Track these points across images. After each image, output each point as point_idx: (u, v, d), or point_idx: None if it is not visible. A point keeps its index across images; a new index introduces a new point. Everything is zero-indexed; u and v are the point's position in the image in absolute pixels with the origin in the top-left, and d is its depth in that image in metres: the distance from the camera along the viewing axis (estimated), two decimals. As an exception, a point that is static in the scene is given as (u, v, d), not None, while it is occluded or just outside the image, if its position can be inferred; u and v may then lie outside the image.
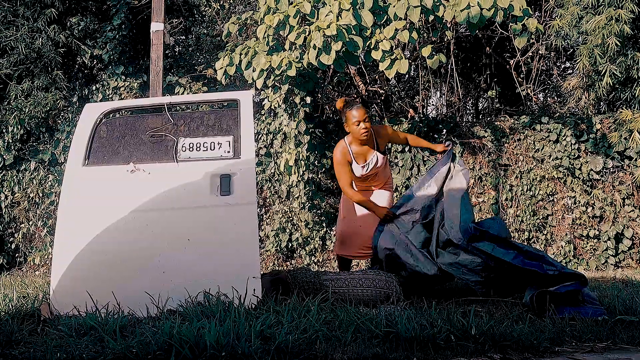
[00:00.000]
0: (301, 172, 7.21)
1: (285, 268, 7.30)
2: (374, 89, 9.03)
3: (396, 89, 10.81)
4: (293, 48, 5.87)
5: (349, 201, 4.69)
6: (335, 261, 6.66)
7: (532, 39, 8.54)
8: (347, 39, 5.41)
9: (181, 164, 3.82)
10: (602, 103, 7.82)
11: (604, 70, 6.72)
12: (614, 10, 6.49)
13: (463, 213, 4.08)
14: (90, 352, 2.73)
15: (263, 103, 7.51)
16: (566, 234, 7.38)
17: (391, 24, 5.54)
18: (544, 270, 3.73)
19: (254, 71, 6.11)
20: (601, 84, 6.95)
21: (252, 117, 3.91)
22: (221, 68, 6.35)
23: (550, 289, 3.57)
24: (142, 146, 3.89)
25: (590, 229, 7.31)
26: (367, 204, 4.50)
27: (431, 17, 5.55)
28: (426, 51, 5.73)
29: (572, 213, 7.38)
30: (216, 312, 3.21)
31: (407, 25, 5.62)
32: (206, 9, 9.56)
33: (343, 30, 5.36)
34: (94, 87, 8.15)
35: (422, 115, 8.81)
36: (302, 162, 7.19)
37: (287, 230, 7.47)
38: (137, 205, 3.72)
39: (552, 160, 7.45)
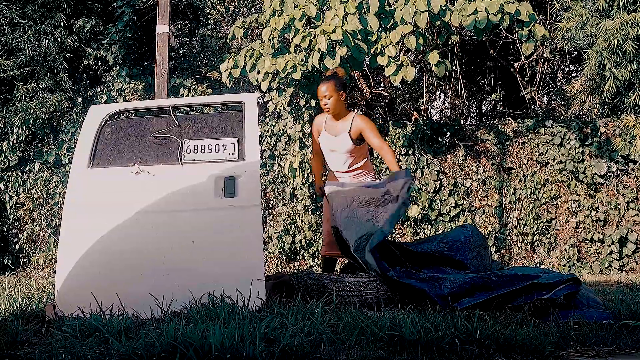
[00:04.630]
0: (305, 175, 7.21)
1: (288, 270, 7.30)
2: (378, 91, 9.03)
3: (400, 91, 10.81)
4: (298, 51, 5.87)
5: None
6: (338, 264, 6.66)
7: (537, 41, 8.54)
8: (353, 44, 5.41)
9: (186, 165, 3.83)
10: (606, 107, 7.80)
11: (608, 75, 6.72)
12: (628, 14, 6.47)
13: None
14: (95, 354, 2.73)
15: (267, 105, 7.52)
16: (570, 238, 7.36)
17: (397, 29, 5.53)
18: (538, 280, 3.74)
19: (258, 73, 6.13)
20: (605, 87, 6.95)
21: (256, 119, 3.92)
22: (226, 70, 6.37)
23: (545, 296, 3.56)
24: (147, 148, 3.90)
25: (594, 233, 7.29)
26: (314, 176, 4.84)
27: (437, 22, 5.55)
28: (434, 58, 5.71)
29: (576, 217, 7.37)
30: (220, 314, 3.21)
31: (414, 30, 5.61)
32: (211, 11, 9.58)
33: (348, 35, 5.36)
34: (98, 89, 8.17)
35: (425, 118, 8.81)
36: (307, 165, 7.19)
37: (291, 233, 7.47)
38: (141, 207, 3.73)
39: (556, 163, 7.44)
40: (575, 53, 9.71)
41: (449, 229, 7.32)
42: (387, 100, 9.36)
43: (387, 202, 4.10)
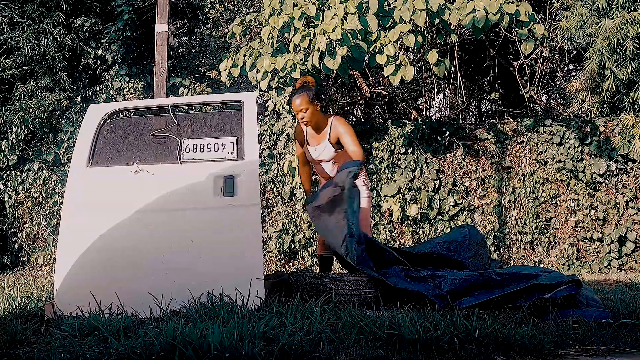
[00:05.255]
0: (304, 174, 7.21)
1: (287, 269, 7.30)
2: (378, 90, 9.03)
3: (399, 90, 10.81)
4: (297, 50, 5.87)
5: None
6: (337, 263, 6.65)
7: (537, 41, 8.55)
8: (352, 44, 5.40)
9: (185, 165, 3.83)
10: (605, 106, 7.80)
11: (608, 74, 6.73)
12: (628, 13, 6.47)
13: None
14: (94, 353, 2.73)
15: (267, 104, 7.51)
16: (569, 237, 7.36)
17: (396, 27, 5.53)
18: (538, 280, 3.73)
19: (257, 73, 6.12)
20: (604, 86, 6.95)
21: (255, 118, 3.92)
22: (225, 69, 6.36)
23: (545, 296, 3.56)
24: (146, 147, 3.89)
25: (593, 232, 7.30)
26: (304, 187, 4.97)
27: (436, 21, 5.54)
28: (433, 58, 5.70)
29: (576, 216, 7.37)
30: (219, 313, 3.21)
31: (413, 28, 5.60)
32: (210, 10, 9.57)
33: (348, 34, 5.35)
34: (97, 88, 8.17)
35: (425, 117, 8.81)
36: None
37: (290, 232, 7.48)
38: (140, 206, 3.73)
39: (556, 162, 7.44)
40: (575, 52, 9.71)
41: (448, 228, 7.33)
42: (386, 100, 9.35)
43: (342, 194, 3.98)
